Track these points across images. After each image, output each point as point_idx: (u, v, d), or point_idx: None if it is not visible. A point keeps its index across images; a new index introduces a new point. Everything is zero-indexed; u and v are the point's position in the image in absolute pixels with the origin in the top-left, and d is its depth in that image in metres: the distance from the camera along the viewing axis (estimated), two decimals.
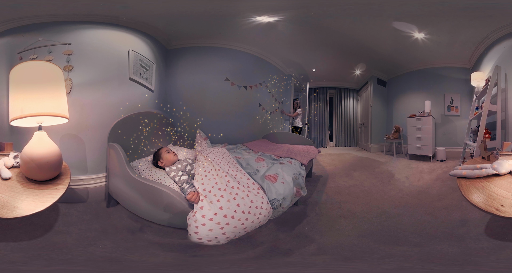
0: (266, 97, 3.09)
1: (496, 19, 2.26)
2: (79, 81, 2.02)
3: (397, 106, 3.25)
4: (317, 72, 3.33)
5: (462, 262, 1.49)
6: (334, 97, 3.65)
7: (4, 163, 1.53)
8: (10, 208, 1.25)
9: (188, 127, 2.40)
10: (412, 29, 2.46)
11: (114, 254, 1.57)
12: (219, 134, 2.69)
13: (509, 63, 2.32)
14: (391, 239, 1.75)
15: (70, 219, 1.82)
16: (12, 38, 2.01)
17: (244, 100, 2.95)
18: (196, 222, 1.40)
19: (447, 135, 2.92)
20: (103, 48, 2.12)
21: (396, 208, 2.13)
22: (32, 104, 1.45)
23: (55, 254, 1.53)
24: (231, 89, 2.89)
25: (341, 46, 2.82)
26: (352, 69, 3.28)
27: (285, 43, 2.84)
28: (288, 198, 1.67)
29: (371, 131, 3.32)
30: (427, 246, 1.65)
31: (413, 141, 2.96)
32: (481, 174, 1.47)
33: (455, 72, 2.87)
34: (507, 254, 1.51)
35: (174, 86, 2.71)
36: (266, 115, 3.08)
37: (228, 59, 2.87)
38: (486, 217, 1.76)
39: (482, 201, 1.32)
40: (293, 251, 1.63)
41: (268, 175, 1.78)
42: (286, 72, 3.24)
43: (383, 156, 3.16)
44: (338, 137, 3.68)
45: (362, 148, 3.53)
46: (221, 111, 2.81)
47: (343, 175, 2.73)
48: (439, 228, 1.81)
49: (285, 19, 2.37)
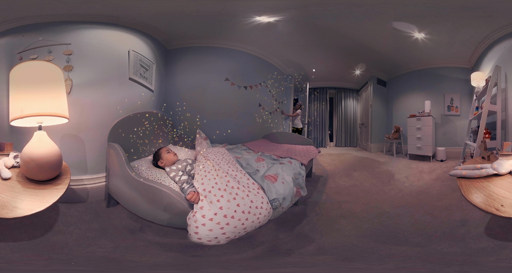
0: (266, 97, 3.09)
1: (496, 19, 2.26)
2: (79, 81, 2.02)
3: (397, 106, 3.25)
4: (317, 72, 3.33)
5: (462, 262, 1.49)
6: (334, 97, 3.65)
7: (4, 163, 1.53)
8: (10, 208, 1.25)
9: (188, 127, 2.40)
10: (412, 29, 2.46)
11: (114, 254, 1.57)
12: (219, 134, 2.69)
13: (509, 63, 2.32)
14: (391, 239, 1.75)
15: (70, 219, 1.82)
16: (12, 38, 2.01)
17: (244, 100, 2.95)
18: (196, 222, 1.40)
19: (447, 135, 2.92)
20: (103, 48, 2.12)
21: (396, 208, 2.13)
22: (32, 104, 1.45)
23: (55, 254, 1.53)
24: (231, 89, 2.89)
25: (341, 46, 2.82)
26: (352, 69, 3.28)
27: (285, 43, 2.84)
28: (288, 198, 1.67)
29: (371, 131, 3.33)
30: (427, 246, 1.65)
31: (413, 141, 2.96)
32: (481, 174, 1.47)
33: (455, 72, 2.88)
34: (507, 254, 1.51)
35: (174, 86, 2.71)
36: (266, 115, 3.08)
37: (228, 59, 2.87)
38: (486, 217, 1.76)
39: (482, 201, 1.32)
40: (293, 251, 1.63)
41: (268, 175, 1.78)
42: (286, 72, 3.24)
43: (383, 156, 3.16)
44: (338, 137, 3.68)
45: (362, 148, 3.53)
46: (221, 111, 2.81)
47: (343, 175, 2.73)
48: (439, 228, 1.81)
49: (285, 19, 2.37)
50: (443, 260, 1.53)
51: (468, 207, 1.36)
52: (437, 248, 1.62)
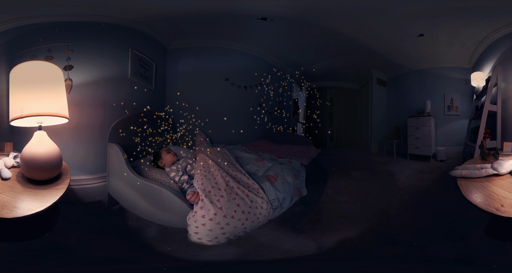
0: (266, 97, 3.08)
1: (496, 19, 2.26)
2: (79, 81, 2.02)
3: (397, 106, 3.25)
4: (317, 72, 3.32)
5: (462, 262, 1.49)
6: (334, 97, 3.65)
7: (4, 163, 1.53)
8: (10, 208, 1.25)
9: (188, 127, 2.40)
10: (413, 29, 2.46)
11: (114, 254, 1.57)
12: (219, 134, 2.68)
13: (509, 63, 2.32)
14: (391, 239, 1.75)
15: (70, 219, 1.82)
16: (12, 38, 2.01)
17: (244, 100, 2.95)
18: (196, 222, 1.40)
19: (447, 135, 2.92)
20: (103, 48, 2.12)
21: (396, 208, 2.13)
22: (32, 104, 1.45)
23: (55, 254, 1.52)
24: (231, 89, 2.88)
25: (341, 46, 2.82)
26: (352, 69, 3.28)
27: (285, 43, 2.84)
28: (288, 198, 1.67)
29: (371, 131, 3.32)
30: (427, 246, 1.65)
31: (413, 141, 2.96)
32: (481, 174, 1.47)
33: (455, 72, 2.87)
34: (507, 254, 1.51)
35: (174, 86, 2.71)
36: (266, 115, 3.07)
37: (228, 59, 2.87)
38: (486, 217, 1.75)
39: (482, 201, 1.32)
40: (293, 251, 1.63)
41: (268, 175, 1.78)
42: (286, 72, 3.23)
43: (383, 156, 3.16)
44: (338, 137, 3.68)
45: (362, 148, 3.53)
46: (221, 111, 2.80)
47: (343, 175, 2.73)
48: (439, 228, 1.81)
49: (285, 19, 2.37)
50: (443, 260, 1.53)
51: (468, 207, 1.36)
52: (437, 248, 1.62)
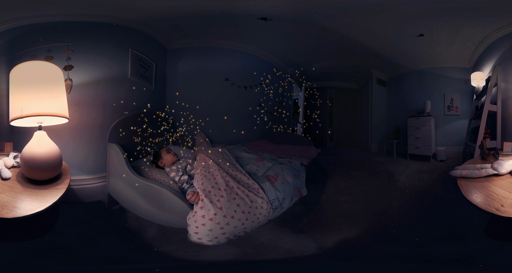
0: (266, 97, 3.08)
1: (496, 19, 2.26)
2: (79, 81, 2.02)
3: (397, 106, 3.25)
4: (317, 72, 3.32)
5: (462, 262, 1.49)
6: (334, 97, 3.65)
7: (4, 163, 1.53)
8: (10, 208, 1.25)
9: (188, 127, 2.40)
10: (413, 29, 2.46)
11: (114, 254, 1.57)
12: (219, 134, 2.68)
13: (509, 63, 2.32)
14: (391, 239, 1.75)
15: (70, 219, 1.82)
16: (12, 38, 2.01)
17: (244, 100, 2.95)
18: (196, 222, 1.40)
19: (447, 135, 2.92)
20: (103, 48, 2.13)
21: (396, 208, 2.13)
22: (32, 104, 1.45)
23: (55, 254, 1.53)
24: (231, 89, 2.89)
25: (341, 46, 2.82)
26: (352, 69, 3.28)
27: (285, 43, 2.84)
28: (288, 198, 1.67)
29: (371, 131, 3.32)
30: (427, 246, 1.65)
31: (413, 141, 2.96)
32: (481, 174, 1.47)
33: (455, 72, 2.87)
34: (507, 254, 1.51)
35: (174, 86, 2.71)
36: (266, 115, 3.07)
37: (228, 59, 2.87)
38: (486, 217, 1.75)
39: (482, 201, 1.32)
40: (293, 251, 1.63)
41: (268, 175, 1.78)
42: (286, 72, 3.23)
43: (383, 156, 3.16)
44: (338, 137, 3.68)
45: (362, 148, 3.53)
46: (221, 111, 2.80)
47: (343, 175, 2.73)
48: (439, 228, 1.81)
49: (285, 19, 2.37)
50: (443, 260, 1.53)
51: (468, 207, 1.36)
52: (437, 248, 1.62)
